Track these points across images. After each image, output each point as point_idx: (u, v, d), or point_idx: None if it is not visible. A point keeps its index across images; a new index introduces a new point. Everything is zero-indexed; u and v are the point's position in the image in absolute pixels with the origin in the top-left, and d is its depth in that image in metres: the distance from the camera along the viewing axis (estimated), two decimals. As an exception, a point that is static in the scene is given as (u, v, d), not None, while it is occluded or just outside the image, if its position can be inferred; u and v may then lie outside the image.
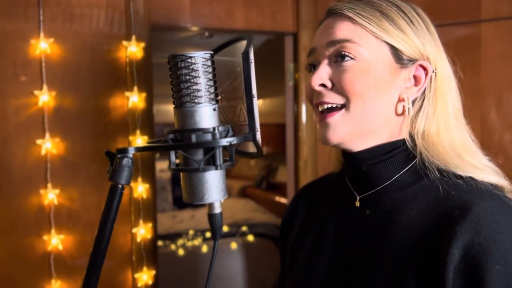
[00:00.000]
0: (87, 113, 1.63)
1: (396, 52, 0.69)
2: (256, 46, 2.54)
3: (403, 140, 0.71)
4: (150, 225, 1.71)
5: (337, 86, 0.69)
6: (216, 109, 0.60)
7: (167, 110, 4.75)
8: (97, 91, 1.64)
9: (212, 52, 0.60)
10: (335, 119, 0.69)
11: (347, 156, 0.75)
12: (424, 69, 0.70)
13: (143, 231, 1.70)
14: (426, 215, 0.65)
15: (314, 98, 0.72)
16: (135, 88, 1.65)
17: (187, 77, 0.57)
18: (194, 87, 0.57)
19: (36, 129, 1.57)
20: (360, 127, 0.70)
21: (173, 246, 3.12)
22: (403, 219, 0.67)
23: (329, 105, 0.70)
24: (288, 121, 2.06)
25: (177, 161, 0.60)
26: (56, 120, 1.59)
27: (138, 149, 0.56)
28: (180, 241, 3.20)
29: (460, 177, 0.66)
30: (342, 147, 0.74)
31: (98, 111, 1.64)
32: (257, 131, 0.58)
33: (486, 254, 0.57)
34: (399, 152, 0.71)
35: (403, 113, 0.71)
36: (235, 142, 0.56)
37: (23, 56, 1.55)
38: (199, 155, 0.57)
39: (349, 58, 0.68)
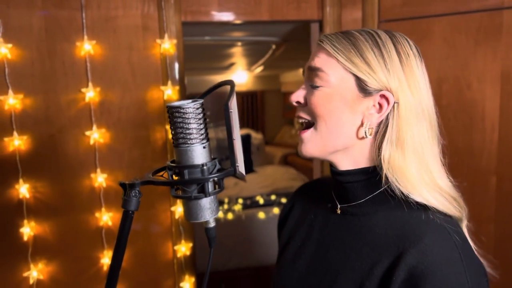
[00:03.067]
0: (127, 105, 1.82)
1: (360, 83, 0.78)
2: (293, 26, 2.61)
3: (374, 167, 0.81)
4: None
5: (308, 105, 0.83)
6: (206, 146, 0.74)
7: (197, 80, 5.05)
8: (135, 85, 1.82)
9: (202, 101, 0.74)
10: (307, 136, 0.83)
11: (332, 172, 0.88)
12: (387, 99, 0.79)
13: (180, 209, 1.91)
14: (388, 235, 0.77)
15: (296, 111, 0.87)
16: (169, 82, 1.82)
17: (181, 124, 0.71)
18: (187, 131, 0.72)
19: (85, 121, 1.78)
20: (326, 144, 0.82)
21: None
22: (370, 236, 0.80)
23: (304, 120, 0.84)
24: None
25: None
26: (101, 113, 1.80)
27: (143, 183, 0.72)
28: (221, 209, 3.45)
29: (420, 206, 0.76)
30: (320, 159, 0.87)
31: (137, 104, 1.83)
32: (238, 165, 0.72)
33: (425, 279, 0.68)
34: (371, 177, 0.81)
35: (364, 137, 0.81)
36: (216, 178, 0.71)
37: (70, 57, 1.75)
38: (193, 186, 0.73)
39: (318, 85, 0.81)
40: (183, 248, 1.95)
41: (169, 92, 1.82)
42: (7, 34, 1.67)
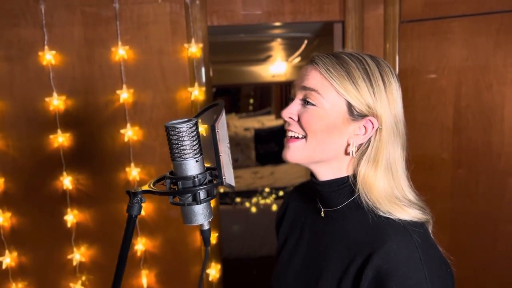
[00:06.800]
0: (158, 105, 1.97)
1: (350, 107, 0.87)
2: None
3: (348, 177, 0.91)
4: (212, 197, 2.06)
5: (300, 121, 0.90)
6: (199, 160, 0.84)
7: (237, 70, 5.18)
8: (165, 87, 1.96)
9: (196, 120, 0.84)
10: (295, 145, 0.92)
11: (313, 182, 0.97)
12: (372, 123, 0.87)
13: (207, 202, 2.05)
14: (361, 237, 0.86)
15: (285, 124, 0.95)
16: (196, 84, 1.94)
17: (176, 141, 0.83)
18: (181, 147, 0.83)
19: (120, 120, 1.95)
20: (313, 156, 0.91)
21: (248, 203, 3.52)
22: (348, 238, 0.89)
23: (294, 134, 0.92)
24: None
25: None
26: (135, 113, 1.96)
27: (144, 192, 0.84)
28: (254, 199, 3.58)
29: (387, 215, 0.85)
30: (302, 165, 0.96)
31: (167, 104, 1.97)
32: (224, 178, 0.83)
33: (389, 278, 0.78)
34: (346, 186, 0.91)
35: (350, 153, 0.90)
36: (205, 189, 0.81)
37: (106, 61, 1.91)
38: (186, 194, 0.84)
39: (311, 104, 0.88)
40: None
41: (196, 93, 1.95)
42: (51, 42, 1.86)
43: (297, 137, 0.92)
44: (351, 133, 0.89)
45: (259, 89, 7.13)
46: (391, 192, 0.86)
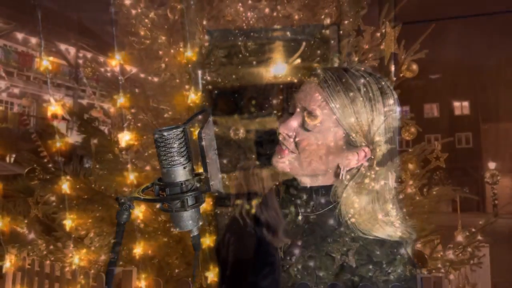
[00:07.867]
0: (156, 109, 1.99)
1: (348, 137, 0.87)
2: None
3: (331, 187, 0.91)
4: (209, 199, 2.07)
5: (295, 140, 0.90)
6: (187, 166, 0.85)
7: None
8: (162, 91, 1.98)
9: (183, 127, 0.85)
10: (289, 158, 0.91)
11: (294, 186, 0.97)
12: (365, 152, 0.88)
13: (203, 205, 2.06)
14: (338, 248, 0.88)
15: (280, 136, 0.94)
16: (192, 88, 1.95)
17: (164, 148, 0.84)
18: (169, 154, 0.84)
19: (117, 124, 1.97)
20: (301, 171, 0.92)
21: (247, 206, 3.52)
22: (326, 245, 0.90)
23: (287, 148, 0.92)
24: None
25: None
26: (132, 117, 1.97)
27: (133, 199, 0.85)
28: (254, 201, 3.58)
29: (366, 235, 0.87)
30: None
31: (164, 108, 1.99)
32: (212, 184, 0.83)
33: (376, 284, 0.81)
34: (326, 194, 0.92)
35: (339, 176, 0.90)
36: (193, 195, 0.82)
37: (103, 66, 1.92)
38: (175, 201, 0.85)
39: (310, 128, 0.88)
40: (208, 241, 2.09)
41: (193, 96, 1.95)
42: (48, 48, 1.87)
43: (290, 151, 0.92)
44: (343, 158, 0.89)
45: (261, 90, 7.15)
46: (375, 215, 0.87)
